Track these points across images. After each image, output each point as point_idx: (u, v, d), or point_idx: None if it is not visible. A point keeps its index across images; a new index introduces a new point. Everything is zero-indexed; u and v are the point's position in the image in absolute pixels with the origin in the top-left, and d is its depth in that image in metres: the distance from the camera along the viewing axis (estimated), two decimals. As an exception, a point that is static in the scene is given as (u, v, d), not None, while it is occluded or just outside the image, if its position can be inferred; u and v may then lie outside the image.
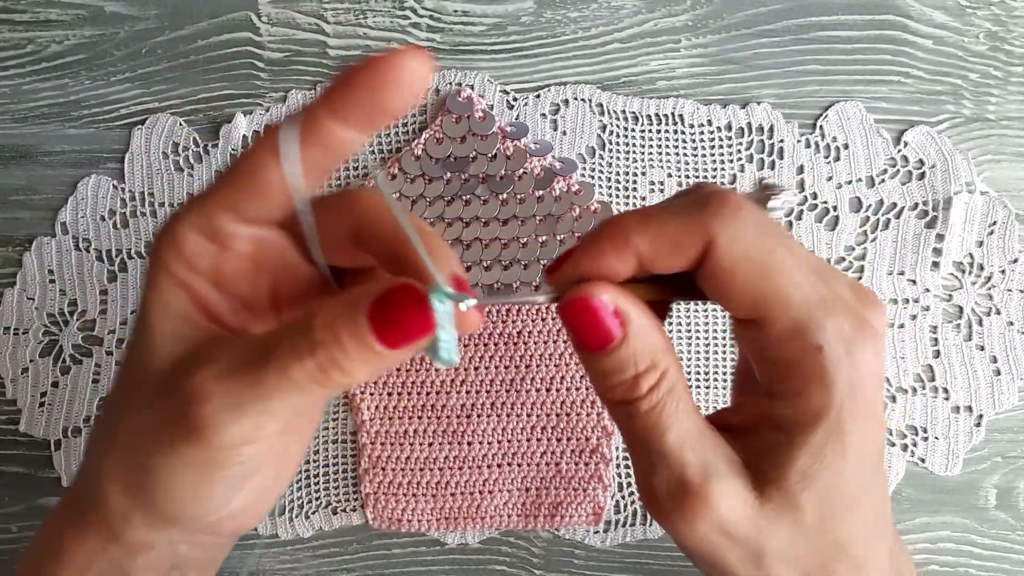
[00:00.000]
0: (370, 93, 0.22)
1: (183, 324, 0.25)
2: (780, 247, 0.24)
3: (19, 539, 0.46)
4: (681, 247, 0.24)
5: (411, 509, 0.45)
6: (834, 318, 0.24)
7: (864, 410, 0.24)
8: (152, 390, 0.24)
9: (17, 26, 0.46)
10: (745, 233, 0.24)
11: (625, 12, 0.45)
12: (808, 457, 0.24)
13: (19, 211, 0.46)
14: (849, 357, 0.24)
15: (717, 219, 0.24)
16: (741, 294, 0.24)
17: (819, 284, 0.24)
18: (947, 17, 0.45)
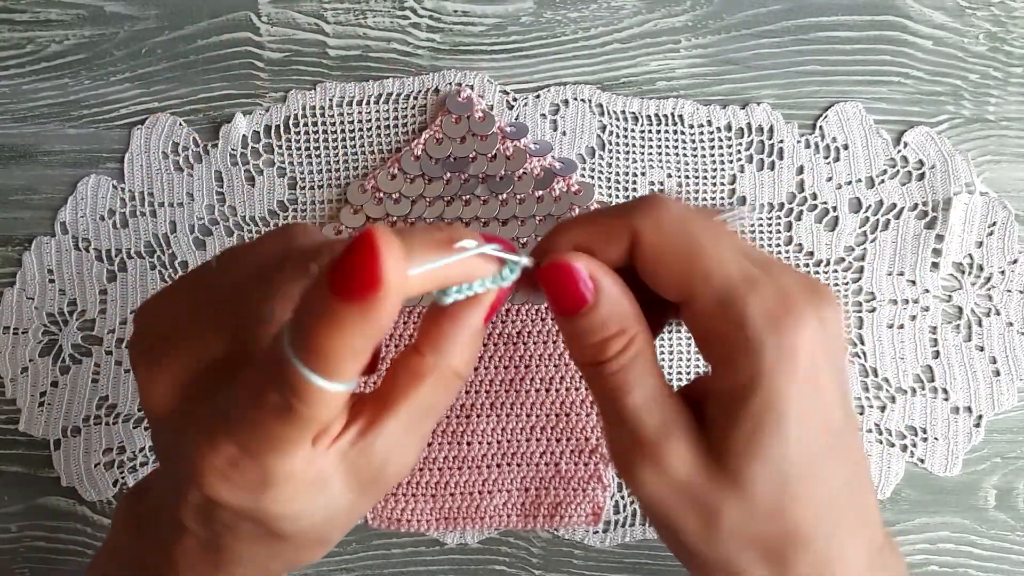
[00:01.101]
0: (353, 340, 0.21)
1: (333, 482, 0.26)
2: (704, 234, 0.26)
3: (19, 539, 0.46)
4: (611, 238, 0.27)
5: (410, 509, 0.45)
6: (758, 293, 0.25)
7: (802, 382, 0.25)
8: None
9: (17, 26, 0.46)
10: (666, 221, 0.26)
11: (625, 12, 0.45)
12: (747, 426, 0.25)
13: (19, 211, 0.46)
14: (775, 329, 0.25)
15: (640, 211, 0.27)
16: (667, 276, 0.26)
17: (748, 267, 0.26)
18: (947, 18, 0.45)
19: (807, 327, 0.25)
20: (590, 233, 0.27)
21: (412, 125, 0.45)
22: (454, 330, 0.25)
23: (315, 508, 0.25)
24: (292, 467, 0.23)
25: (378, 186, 0.44)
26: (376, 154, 0.46)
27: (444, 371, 0.25)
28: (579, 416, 0.45)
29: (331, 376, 0.21)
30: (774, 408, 0.25)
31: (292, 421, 0.22)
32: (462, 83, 0.45)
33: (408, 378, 0.25)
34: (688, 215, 0.27)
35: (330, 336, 0.21)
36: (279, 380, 0.22)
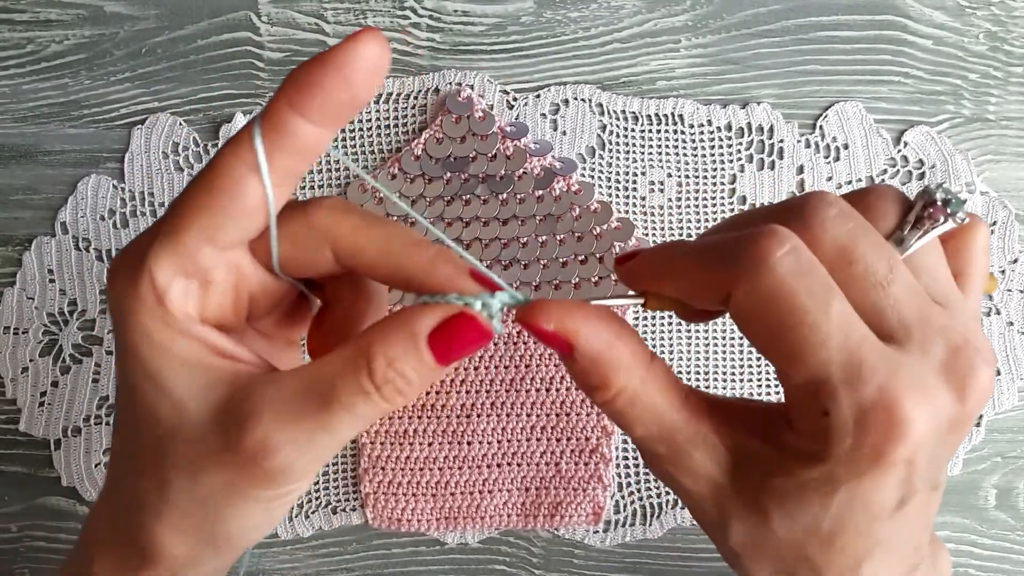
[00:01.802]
0: (335, 85, 0.22)
1: (203, 373, 0.24)
2: (814, 301, 0.22)
3: (19, 539, 0.46)
4: (705, 294, 0.24)
5: (411, 509, 0.45)
6: (855, 387, 0.22)
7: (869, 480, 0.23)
8: (199, 447, 0.24)
9: (17, 26, 0.46)
10: (765, 287, 0.22)
11: (625, 12, 0.45)
12: (790, 484, 0.24)
13: (19, 211, 0.46)
14: (859, 430, 0.22)
15: (736, 271, 0.23)
16: (758, 345, 0.24)
17: (860, 346, 0.22)
18: (947, 17, 0.45)
19: (905, 436, 0.21)
20: (681, 282, 0.25)
21: (412, 125, 0.45)
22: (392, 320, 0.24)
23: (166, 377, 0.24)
24: (168, 276, 0.23)
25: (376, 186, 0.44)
26: (376, 154, 0.46)
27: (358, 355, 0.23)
28: (579, 416, 0.45)
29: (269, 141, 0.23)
30: (827, 496, 0.23)
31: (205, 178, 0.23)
32: (462, 83, 0.45)
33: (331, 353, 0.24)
34: (799, 276, 0.22)
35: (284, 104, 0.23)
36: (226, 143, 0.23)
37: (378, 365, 0.23)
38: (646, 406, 0.25)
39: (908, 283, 0.23)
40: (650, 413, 0.25)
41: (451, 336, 0.24)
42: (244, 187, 0.23)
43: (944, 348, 0.22)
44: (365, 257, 0.25)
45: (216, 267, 0.24)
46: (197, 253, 0.24)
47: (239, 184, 0.23)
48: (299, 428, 0.23)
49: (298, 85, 0.22)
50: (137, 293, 0.24)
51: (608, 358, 0.24)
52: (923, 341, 0.22)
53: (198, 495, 0.25)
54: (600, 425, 0.45)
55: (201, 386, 0.24)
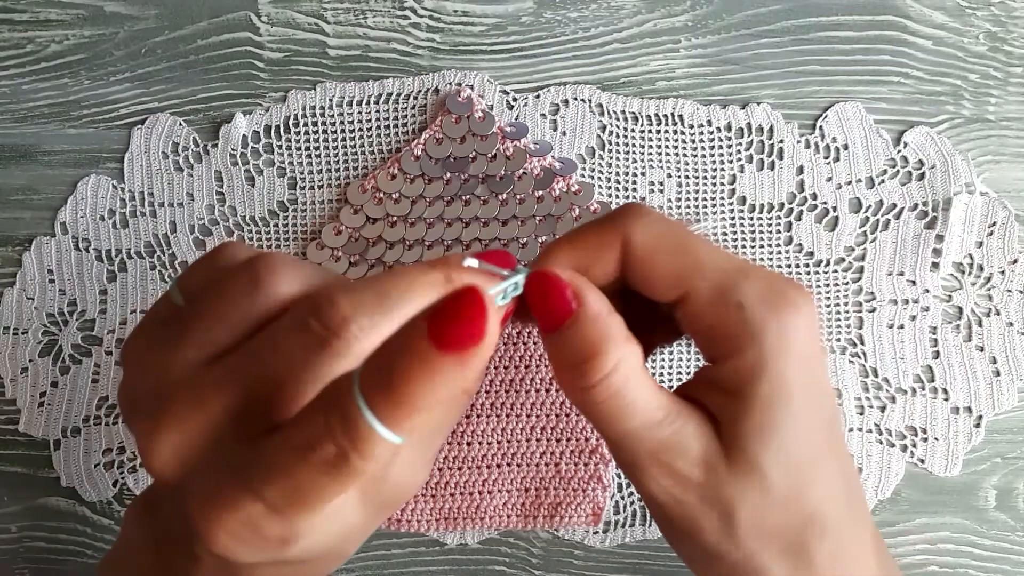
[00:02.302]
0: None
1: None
2: (690, 234, 0.27)
3: (19, 539, 0.46)
4: (603, 247, 0.27)
5: (410, 509, 0.45)
6: (751, 280, 0.26)
7: (802, 363, 0.25)
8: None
9: (17, 26, 0.46)
10: (653, 223, 0.27)
11: (625, 12, 0.45)
12: (758, 413, 0.25)
13: (19, 211, 0.46)
14: (774, 312, 0.25)
15: (627, 218, 0.27)
16: (661, 274, 0.27)
17: (736, 259, 0.27)
18: (947, 18, 0.45)
19: (800, 310, 0.26)
20: (582, 246, 0.27)
21: (412, 125, 0.45)
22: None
23: (332, 537, 0.24)
24: (321, 520, 0.23)
25: (378, 186, 0.44)
26: (376, 154, 0.45)
27: (455, 391, 0.24)
28: (579, 416, 0.44)
29: (404, 428, 0.21)
30: (782, 389, 0.25)
31: (341, 475, 0.21)
32: (462, 83, 0.45)
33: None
34: (674, 221, 0.28)
35: (422, 385, 0.20)
36: (339, 432, 0.21)
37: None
38: (639, 384, 0.25)
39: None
40: (645, 392, 0.26)
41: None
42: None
43: (767, 272, 0.27)
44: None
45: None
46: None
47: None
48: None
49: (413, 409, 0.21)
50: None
51: (608, 321, 0.26)
52: (756, 267, 0.27)
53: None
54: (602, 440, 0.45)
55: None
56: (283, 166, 0.45)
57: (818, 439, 0.26)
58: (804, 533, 0.26)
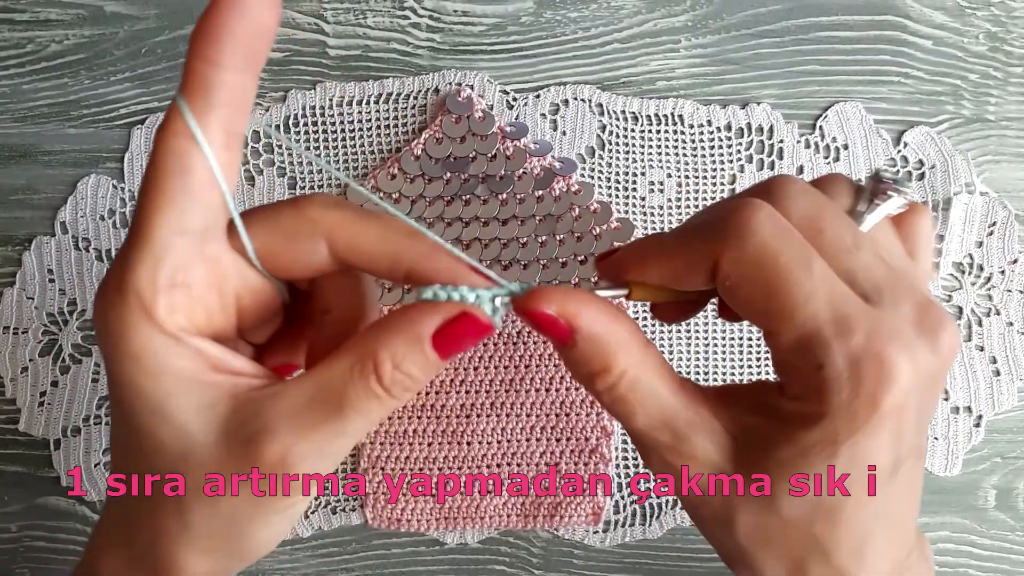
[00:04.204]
0: (229, 21, 0.22)
1: (203, 391, 0.24)
2: (796, 263, 0.23)
3: (19, 539, 0.46)
4: (692, 269, 0.25)
5: (410, 509, 0.45)
6: (844, 340, 0.23)
7: (871, 438, 0.23)
8: (211, 468, 0.24)
9: (17, 26, 0.46)
10: (750, 252, 0.23)
11: (625, 12, 0.45)
12: (793, 452, 0.24)
13: (19, 211, 0.46)
14: (855, 385, 0.22)
15: (721, 240, 0.24)
16: (747, 309, 0.24)
17: (845, 301, 0.23)
18: (947, 18, 0.45)
19: (895, 383, 0.22)
20: (668, 263, 0.26)
21: (412, 125, 0.45)
22: (394, 321, 0.24)
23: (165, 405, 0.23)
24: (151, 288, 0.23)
25: (378, 186, 0.44)
26: (376, 154, 0.46)
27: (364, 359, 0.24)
28: (579, 416, 0.45)
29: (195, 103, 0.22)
30: (829, 450, 0.23)
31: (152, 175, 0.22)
32: (462, 83, 0.45)
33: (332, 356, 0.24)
34: (780, 240, 0.23)
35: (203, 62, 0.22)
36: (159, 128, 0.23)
37: (385, 369, 0.24)
38: (647, 391, 0.25)
39: (873, 250, 0.25)
40: (651, 398, 0.25)
41: (454, 333, 0.24)
42: (189, 161, 0.22)
43: (913, 305, 0.24)
44: (363, 249, 0.25)
45: (194, 264, 0.23)
46: (171, 249, 0.23)
47: (183, 159, 0.22)
48: (316, 437, 0.24)
49: (203, 37, 0.22)
50: (123, 313, 0.23)
51: (610, 339, 0.25)
52: (894, 299, 0.24)
53: (220, 516, 0.25)
54: (600, 425, 0.45)
55: (204, 406, 0.24)
56: (283, 166, 0.45)
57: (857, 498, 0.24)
58: (804, 552, 0.25)
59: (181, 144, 0.22)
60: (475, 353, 0.45)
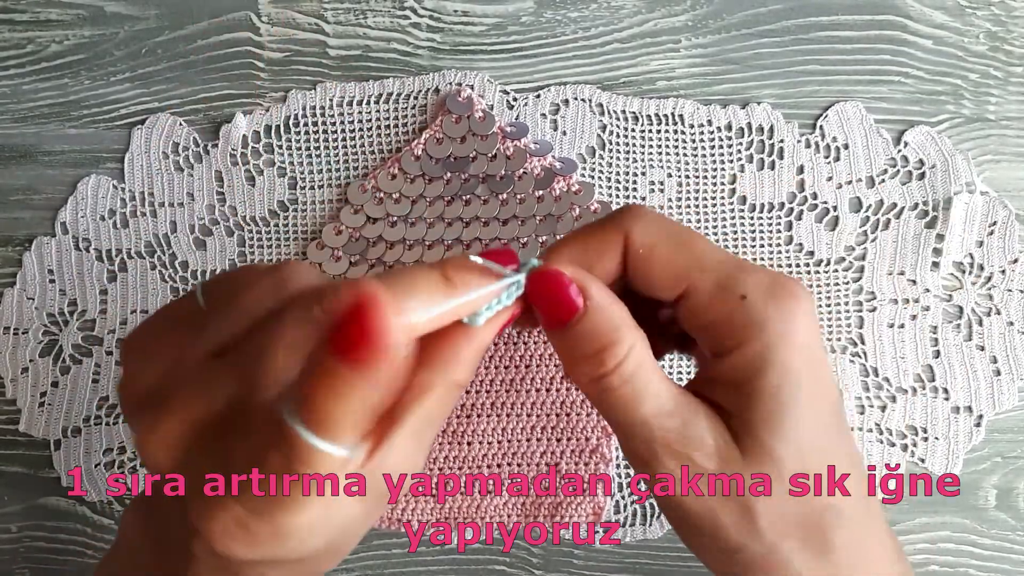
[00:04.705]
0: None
1: None
2: (689, 232, 0.27)
3: (19, 539, 0.46)
4: (605, 246, 0.27)
5: (411, 509, 0.45)
6: (751, 274, 0.26)
7: (805, 352, 0.26)
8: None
9: (17, 26, 0.46)
10: (654, 222, 0.27)
11: (625, 12, 0.45)
12: (767, 402, 0.25)
13: (19, 211, 0.46)
14: (776, 303, 0.26)
15: (627, 217, 0.27)
16: (662, 271, 0.27)
17: (733, 256, 0.27)
18: (947, 17, 0.45)
19: (801, 301, 0.26)
20: (583, 246, 0.28)
21: (412, 125, 0.45)
22: (464, 347, 0.25)
23: (330, 531, 0.24)
24: (306, 518, 0.23)
25: (378, 186, 0.44)
26: (376, 154, 0.45)
27: (449, 384, 0.25)
28: (579, 416, 0.45)
29: (332, 439, 0.21)
30: (789, 377, 0.25)
31: (298, 484, 0.22)
32: (462, 83, 0.45)
33: (413, 393, 0.24)
34: (669, 219, 0.28)
35: (329, 398, 0.20)
36: (280, 443, 0.21)
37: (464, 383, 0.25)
38: (651, 370, 0.26)
39: None
40: (656, 378, 0.26)
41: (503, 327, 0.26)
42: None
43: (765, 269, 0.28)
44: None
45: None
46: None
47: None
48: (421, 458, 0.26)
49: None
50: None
51: (619, 312, 0.26)
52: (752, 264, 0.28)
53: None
54: (600, 425, 0.45)
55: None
56: (283, 166, 0.45)
57: (827, 425, 0.27)
58: (822, 519, 0.26)
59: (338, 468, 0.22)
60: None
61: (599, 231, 0.28)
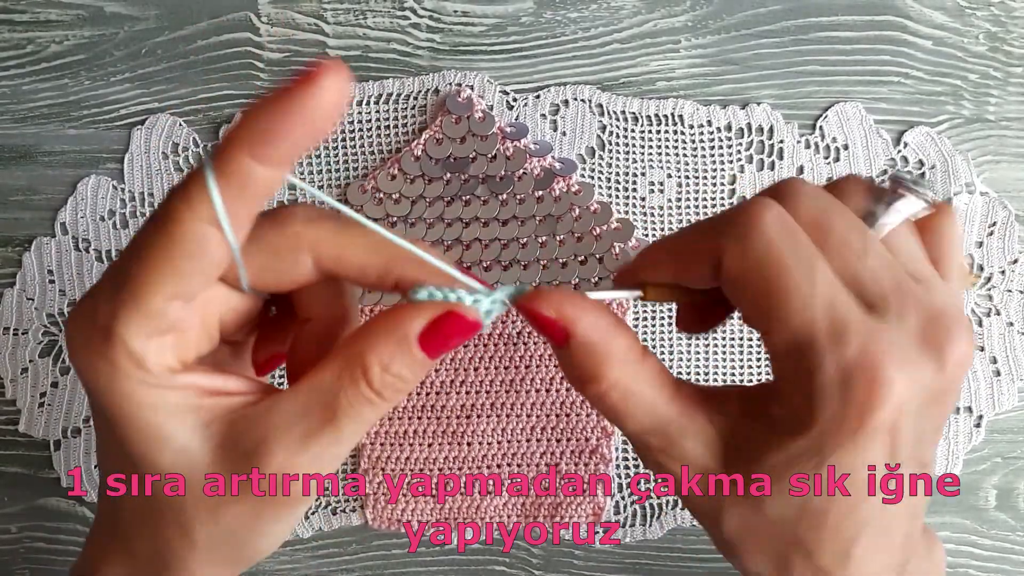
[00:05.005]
0: (293, 127, 0.21)
1: (197, 416, 0.24)
2: (798, 264, 0.23)
3: (18, 539, 0.46)
4: (696, 264, 0.25)
5: (411, 509, 0.45)
6: (841, 348, 0.22)
7: (859, 452, 0.23)
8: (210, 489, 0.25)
9: (17, 26, 0.46)
10: (754, 249, 0.23)
11: (625, 12, 0.45)
12: (780, 458, 0.24)
13: (19, 211, 0.46)
14: (844, 395, 0.22)
15: (724, 239, 0.24)
16: (745, 307, 0.24)
17: (846, 309, 0.22)
18: (947, 18, 0.45)
19: (886, 398, 0.22)
20: (674, 255, 0.26)
21: (412, 125, 0.45)
22: (380, 324, 0.24)
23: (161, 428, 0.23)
24: (142, 341, 0.22)
25: (378, 186, 0.44)
26: (376, 155, 0.46)
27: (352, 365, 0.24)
28: (579, 416, 0.45)
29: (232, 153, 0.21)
30: (815, 462, 0.23)
31: (162, 231, 0.22)
32: (462, 83, 0.45)
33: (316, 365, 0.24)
34: (785, 239, 0.23)
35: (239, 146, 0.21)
36: (178, 186, 0.22)
37: (375, 373, 0.24)
38: (638, 401, 0.25)
39: (883, 256, 0.24)
40: (642, 407, 0.25)
41: (441, 332, 0.24)
42: (207, 244, 0.22)
43: (921, 317, 0.23)
44: (350, 261, 0.25)
45: (187, 316, 0.24)
46: (167, 311, 0.23)
47: (202, 241, 0.22)
48: (312, 447, 0.24)
49: (259, 132, 0.21)
50: (113, 363, 0.23)
51: (603, 349, 0.25)
52: (900, 310, 0.23)
53: (224, 529, 0.25)
54: (600, 425, 0.45)
55: (198, 427, 0.24)
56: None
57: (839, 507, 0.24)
58: (787, 549, 0.25)
59: (200, 226, 0.22)
60: (475, 354, 0.45)
61: (695, 239, 0.25)
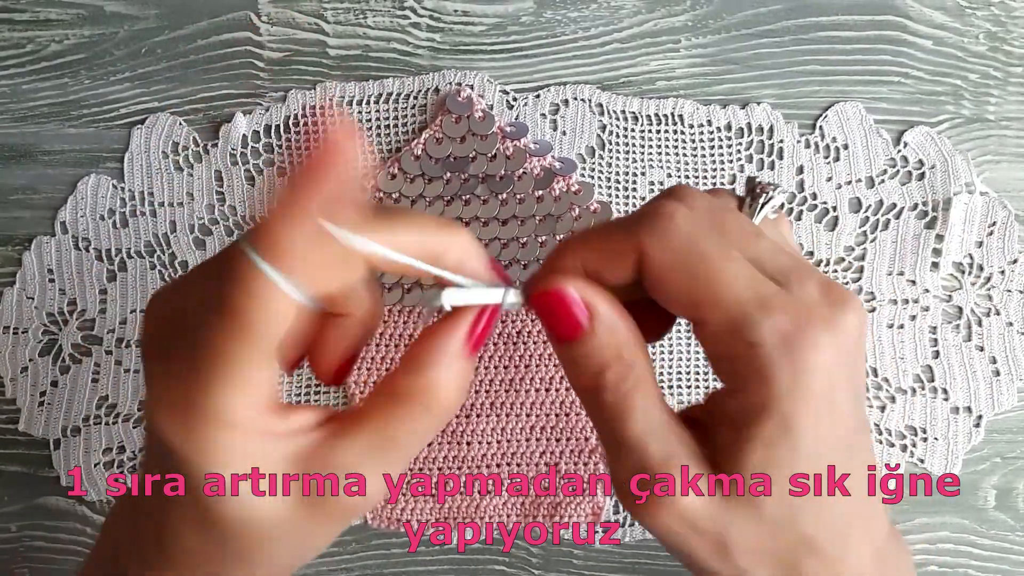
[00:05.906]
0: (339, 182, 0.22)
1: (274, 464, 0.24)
2: (715, 252, 0.25)
3: (18, 538, 0.46)
4: (616, 257, 0.26)
5: (411, 509, 0.45)
6: (772, 315, 0.24)
7: (816, 402, 0.24)
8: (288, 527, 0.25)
9: (17, 26, 0.46)
10: (673, 240, 0.25)
11: (625, 12, 0.45)
12: (759, 450, 0.24)
13: (19, 211, 0.46)
14: (789, 353, 0.24)
15: (646, 231, 0.25)
16: (675, 298, 0.25)
17: (762, 284, 0.24)
18: (947, 18, 0.45)
19: (822, 348, 0.24)
20: (594, 253, 0.26)
21: (412, 125, 0.45)
22: (432, 348, 0.25)
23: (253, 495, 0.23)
24: (230, 409, 0.22)
25: (378, 186, 0.44)
26: (376, 154, 0.46)
27: (422, 395, 0.24)
28: (579, 416, 0.45)
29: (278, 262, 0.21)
30: (788, 432, 0.24)
31: (236, 323, 0.22)
32: (462, 83, 0.45)
33: (383, 398, 0.25)
34: (699, 230, 0.25)
35: (279, 219, 0.21)
36: (228, 272, 0.22)
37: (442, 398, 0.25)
38: (648, 391, 0.25)
39: (772, 239, 0.26)
40: (651, 400, 0.25)
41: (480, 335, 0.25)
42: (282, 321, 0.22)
43: (817, 284, 0.25)
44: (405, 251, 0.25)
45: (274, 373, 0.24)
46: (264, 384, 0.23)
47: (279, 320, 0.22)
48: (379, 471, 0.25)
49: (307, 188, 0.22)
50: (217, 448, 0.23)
51: (625, 327, 0.25)
52: (800, 281, 0.25)
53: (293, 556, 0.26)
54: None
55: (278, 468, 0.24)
56: (283, 166, 0.46)
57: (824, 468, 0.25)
58: (795, 551, 0.25)
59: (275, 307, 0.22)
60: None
61: (611, 239, 0.26)
